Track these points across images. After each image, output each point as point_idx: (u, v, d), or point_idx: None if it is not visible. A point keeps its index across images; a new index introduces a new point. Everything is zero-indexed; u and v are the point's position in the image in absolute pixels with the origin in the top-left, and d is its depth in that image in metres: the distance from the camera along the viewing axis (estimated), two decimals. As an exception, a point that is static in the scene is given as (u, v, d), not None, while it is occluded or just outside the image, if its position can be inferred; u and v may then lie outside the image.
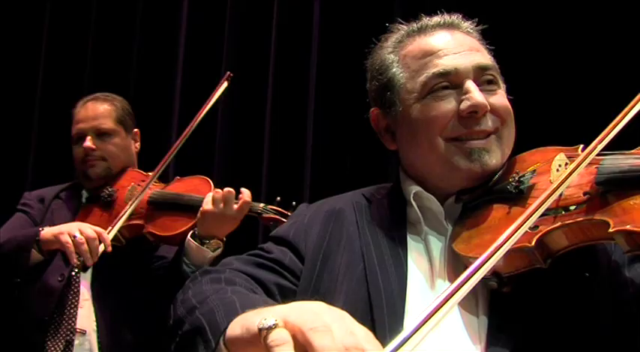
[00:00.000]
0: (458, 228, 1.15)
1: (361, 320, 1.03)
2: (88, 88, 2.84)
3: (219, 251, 1.90)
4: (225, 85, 1.97)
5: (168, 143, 2.63)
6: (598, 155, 1.01)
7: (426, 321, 0.80)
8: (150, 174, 2.10)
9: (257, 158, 2.65)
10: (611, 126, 0.99)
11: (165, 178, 2.19)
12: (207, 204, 1.86)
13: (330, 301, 1.10)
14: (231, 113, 2.76)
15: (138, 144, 2.26)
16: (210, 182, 2.04)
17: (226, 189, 1.88)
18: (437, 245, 1.16)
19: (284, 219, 1.88)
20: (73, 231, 1.83)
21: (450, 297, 0.82)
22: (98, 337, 1.92)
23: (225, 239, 1.92)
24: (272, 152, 2.62)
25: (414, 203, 1.18)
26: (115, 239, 1.91)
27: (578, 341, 1.01)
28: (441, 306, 0.80)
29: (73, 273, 1.89)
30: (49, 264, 1.94)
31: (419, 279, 1.11)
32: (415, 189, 1.19)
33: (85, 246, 1.80)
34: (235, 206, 1.86)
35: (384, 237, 1.17)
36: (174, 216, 1.98)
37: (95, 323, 1.94)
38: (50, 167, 2.94)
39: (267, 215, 1.94)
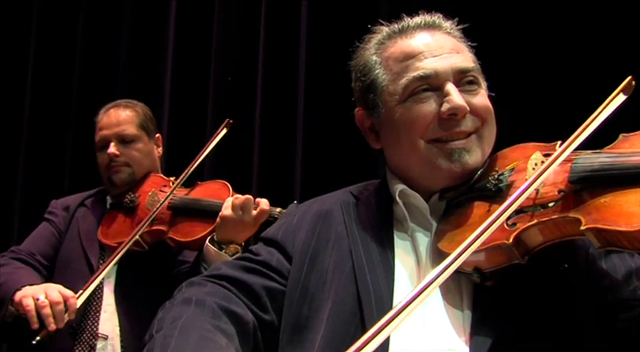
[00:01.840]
0: (442, 225, 1.18)
1: (350, 317, 1.08)
2: (78, 90, 2.86)
3: (237, 255, 1.88)
4: (224, 131, 1.99)
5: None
6: (573, 153, 1.05)
7: (398, 314, 0.86)
8: (171, 179, 2.13)
9: (247, 158, 2.67)
10: (584, 125, 1.02)
11: (187, 182, 2.18)
12: (227, 210, 1.88)
13: (319, 299, 1.15)
14: (222, 113, 2.78)
15: (160, 149, 2.29)
16: (230, 186, 2.07)
17: (245, 195, 1.92)
18: (423, 241, 1.19)
19: None
20: (37, 294, 1.78)
21: (422, 291, 0.87)
22: (121, 342, 1.95)
23: (243, 244, 1.94)
24: (262, 152, 2.65)
25: (399, 200, 1.22)
26: (137, 244, 1.93)
27: (557, 329, 1.05)
28: (412, 301, 0.86)
29: (38, 339, 1.75)
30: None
31: (406, 276, 1.15)
32: (400, 187, 1.22)
33: (48, 310, 1.74)
34: (254, 212, 1.89)
35: (372, 235, 1.20)
36: (194, 222, 2.01)
37: (118, 328, 1.96)
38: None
39: None
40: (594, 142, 1.08)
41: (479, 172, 1.19)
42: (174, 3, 2.94)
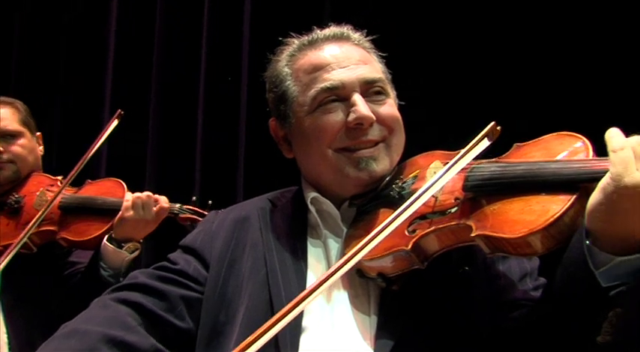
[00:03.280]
0: (352, 230, 1.23)
1: (263, 320, 1.11)
2: (15, 92, 2.80)
3: (136, 252, 1.93)
4: (115, 122, 1.92)
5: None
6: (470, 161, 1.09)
7: (288, 313, 0.91)
8: (58, 178, 2.08)
9: (189, 161, 2.67)
10: (462, 153, 1.04)
11: (78, 182, 2.13)
12: (127, 208, 1.88)
13: (235, 305, 1.18)
14: (163, 115, 2.77)
15: (42, 148, 2.22)
16: (124, 184, 2.05)
17: (146, 193, 1.91)
18: (334, 247, 1.23)
19: (201, 219, 1.92)
20: None
21: (308, 295, 0.92)
22: (10, 350, 1.89)
23: (142, 240, 1.94)
24: (204, 154, 2.64)
25: (311, 208, 1.26)
26: (25, 246, 1.87)
27: (457, 329, 1.10)
28: (299, 303, 0.92)
29: None
30: None
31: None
32: (313, 194, 1.26)
33: None
34: (154, 209, 1.90)
35: (286, 242, 1.24)
36: (88, 221, 1.97)
37: (6, 336, 1.91)
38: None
39: (183, 215, 1.97)
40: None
41: (387, 179, 1.23)
42: (114, 5, 2.90)
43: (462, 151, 1.02)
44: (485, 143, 1.01)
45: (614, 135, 0.92)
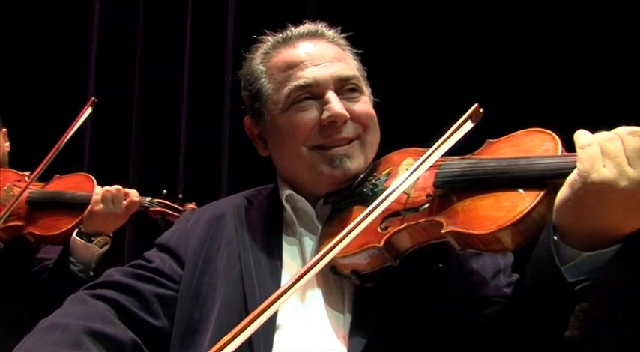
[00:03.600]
0: (326, 228, 1.22)
1: (237, 318, 1.10)
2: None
3: (107, 247, 1.92)
4: (89, 110, 1.93)
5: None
6: (441, 158, 1.09)
7: (262, 313, 0.90)
8: (25, 173, 2.07)
9: (173, 159, 2.66)
10: (446, 135, 1.05)
11: (47, 178, 2.12)
12: (97, 202, 1.87)
13: (210, 303, 1.17)
14: (147, 110, 2.76)
15: (8, 144, 2.20)
16: (93, 178, 2.04)
17: (115, 187, 1.91)
18: (309, 244, 1.23)
19: (171, 212, 1.94)
20: None
21: (283, 294, 0.91)
22: None
23: (112, 234, 1.94)
24: (188, 154, 2.64)
25: (286, 205, 1.26)
26: None
27: (429, 326, 1.10)
28: (271, 304, 0.91)
29: None
30: None
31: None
32: (288, 192, 1.26)
33: None
34: (125, 203, 1.90)
35: (261, 240, 1.23)
36: (57, 215, 1.96)
37: None
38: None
39: (153, 209, 1.98)
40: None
41: (361, 177, 1.23)
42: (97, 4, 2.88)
43: (446, 134, 1.01)
44: (469, 125, 1.01)
45: (582, 132, 0.92)
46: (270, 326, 1.10)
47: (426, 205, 1.08)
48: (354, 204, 1.20)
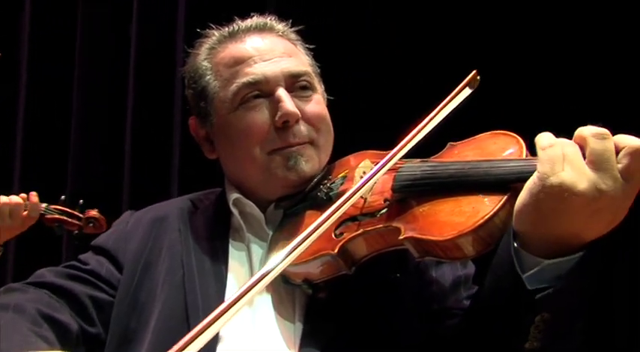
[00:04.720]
0: (277, 234, 1.16)
1: (178, 327, 1.04)
2: None
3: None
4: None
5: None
6: (400, 161, 1.04)
7: (206, 329, 0.83)
8: None
9: (118, 165, 2.54)
10: (410, 136, 1.00)
11: None
12: None
13: (148, 311, 1.09)
14: (92, 112, 2.62)
15: None
16: None
17: (16, 201, 1.80)
18: (258, 252, 1.17)
19: (69, 219, 1.84)
20: None
21: (233, 305, 0.85)
22: None
23: (2, 244, 1.83)
24: (134, 159, 2.52)
25: (234, 210, 1.19)
26: None
27: (382, 337, 1.05)
28: (221, 315, 0.84)
29: None
30: None
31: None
32: (235, 195, 1.19)
33: None
34: (24, 214, 1.79)
35: (206, 245, 1.16)
36: None
37: None
38: None
39: (50, 216, 1.87)
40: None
41: (315, 180, 1.17)
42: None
43: (444, 101, 0.98)
44: (467, 92, 0.97)
45: (544, 134, 0.88)
46: (213, 337, 1.03)
47: (384, 210, 1.02)
48: (307, 208, 1.14)
